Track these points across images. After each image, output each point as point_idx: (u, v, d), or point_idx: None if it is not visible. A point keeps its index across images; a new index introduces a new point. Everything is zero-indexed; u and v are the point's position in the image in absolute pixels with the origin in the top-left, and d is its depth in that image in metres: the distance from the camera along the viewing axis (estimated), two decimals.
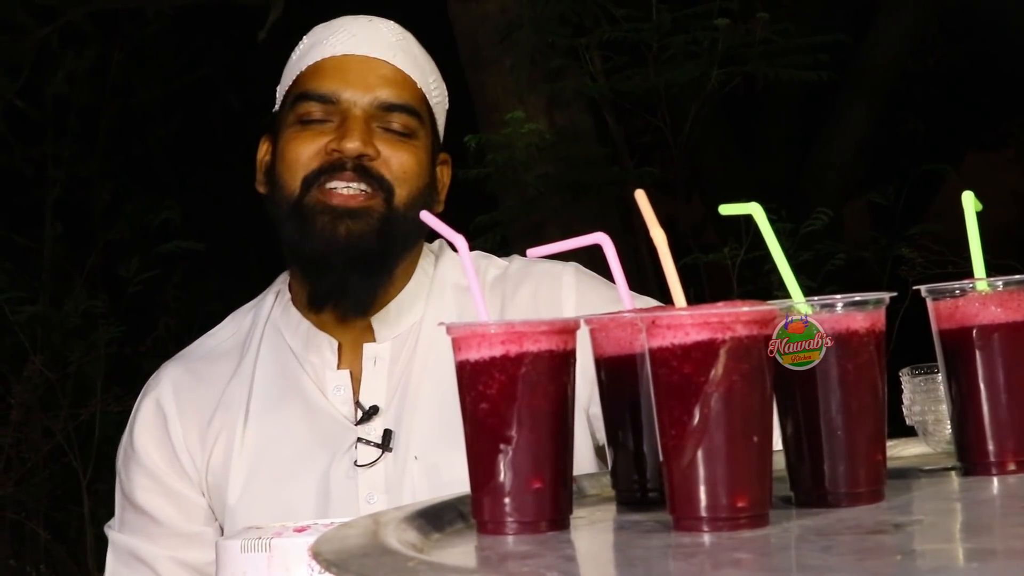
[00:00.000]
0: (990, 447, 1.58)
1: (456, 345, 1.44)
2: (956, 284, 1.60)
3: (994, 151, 9.04)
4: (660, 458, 1.37)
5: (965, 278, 1.61)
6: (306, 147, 2.13)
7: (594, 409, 1.58)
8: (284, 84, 2.22)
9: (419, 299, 2.19)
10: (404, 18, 2.27)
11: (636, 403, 1.54)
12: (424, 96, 2.19)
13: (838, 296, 1.48)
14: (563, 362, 1.44)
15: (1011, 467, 1.58)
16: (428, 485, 2.06)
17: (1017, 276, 1.60)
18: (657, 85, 4.88)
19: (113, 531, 2.22)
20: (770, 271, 4.55)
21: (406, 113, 2.15)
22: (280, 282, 2.26)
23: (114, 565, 2.20)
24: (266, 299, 2.26)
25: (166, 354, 2.40)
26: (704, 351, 1.34)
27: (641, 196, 1.49)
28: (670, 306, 1.43)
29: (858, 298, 1.47)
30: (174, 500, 2.17)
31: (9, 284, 5.82)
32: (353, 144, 2.10)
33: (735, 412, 1.34)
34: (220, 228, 6.68)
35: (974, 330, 1.59)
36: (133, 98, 7.02)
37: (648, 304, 1.98)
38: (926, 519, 1.41)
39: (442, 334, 1.46)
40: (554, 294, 2.18)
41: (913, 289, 1.67)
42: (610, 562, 1.36)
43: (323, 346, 2.17)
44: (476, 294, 1.51)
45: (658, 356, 1.36)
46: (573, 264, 2.23)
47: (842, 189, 6.47)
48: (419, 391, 2.13)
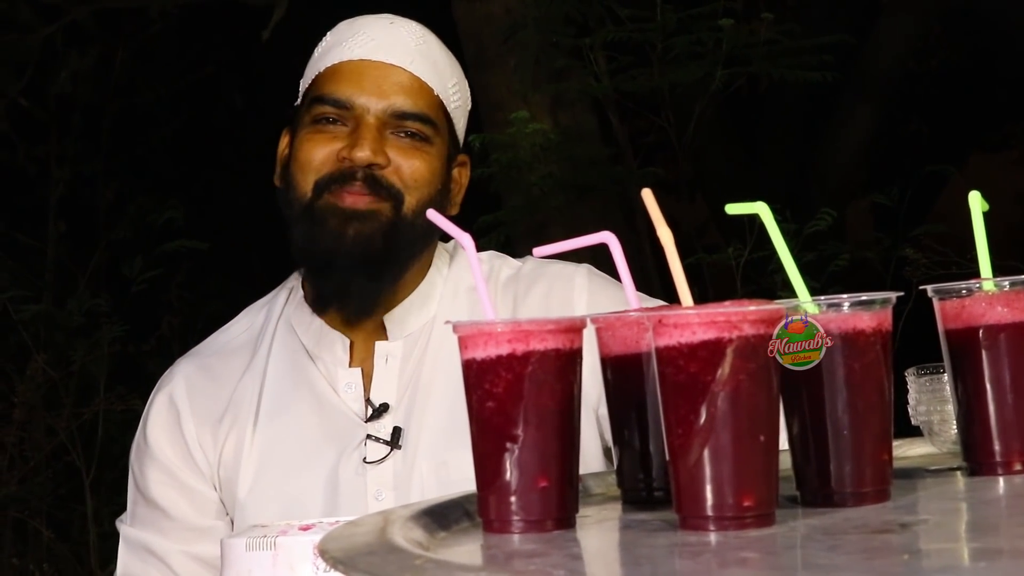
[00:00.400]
0: (996, 447, 1.58)
1: (463, 344, 1.44)
2: (963, 284, 1.60)
3: (998, 152, 9.04)
4: (666, 457, 1.37)
5: (969, 278, 1.61)
6: (319, 150, 2.14)
7: (603, 410, 1.59)
8: (305, 80, 2.23)
9: (432, 298, 2.20)
10: (408, 17, 2.26)
11: (642, 402, 1.54)
12: (441, 103, 2.19)
13: (845, 295, 1.47)
14: (569, 361, 1.44)
15: (1017, 467, 1.58)
16: (437, 483, 2.07)
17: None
18: (661, 85, 4.88)
19: (125, 525, 2.23)
20: (774, 271, 4.55)
21: (420, 121, 2.15)
22: (293, 279, 2.27)
23: (126, 559, 2.21)
24: (279, 295, 2.27)
25: (169, 353, 2.41)
26: (711, 350, 1.34)
27: (648, 195, 1.49)
28: (677, 305, 1.43)
29: (865, 298, 1.47)
30: (187, 494, 2.18)
31: (12, 283, 5.82)
32: (363, 153, 2.11)
33: (741, 411, 1.34)
34: (224, 227, 6.68)
35: (980, 330, 1.59)
36: (137, 97, 7.01)
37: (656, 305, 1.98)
38: (932, 519, 1.41)
39: (454, 334, 1.46)
40: (566, 295, 2.18)
41: (919, 289, 1.66)
42: (616, 561, 1.36)
43: (335, 344, 2.18)
44: (482, 292, 1.51)
45: (664, 355, 1.36)
46: (585, 266, 2.24)
47: (846, 190, 6.47)
48: (429, 389, 2.14)
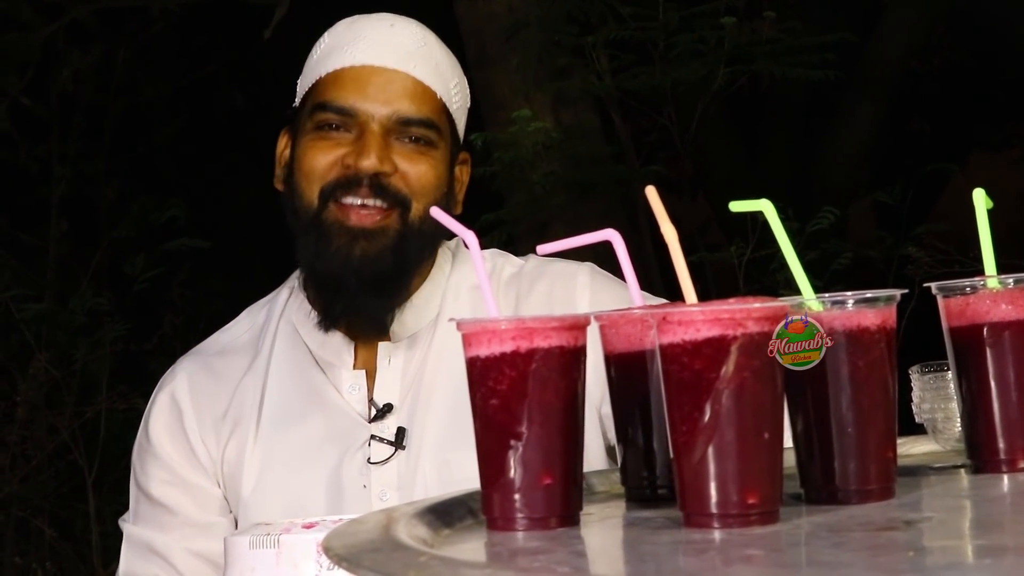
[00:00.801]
0: (1000, 444, 1.58)
1: (466, 341, 1.44)
2: (967, 281, 1.60)
3: (1000, 151, 9.03)
4: (670, 455, 1.37)
5: (972, 276, 1.61)
6: (323, 157, 2.12)
7: (606, 408, 1.58)
8: (304, 82, 2.21)
9: (435, 298, 2.19)
10: (410, 16, 2.25)
11: (646, 400, 1.54)
12: (443, 105, 2.18)
13: (849, 293, 1.47)
14: (573, 358, 1.43)
15: (1021, 464, 1.57)
16: (440, 483, 2.06)
17: None
18: (663, 84, 4.88)
19: (128, 524, 2.23)
20: (776, 270, 4.55)
21: (424, 126, 2.14)
22: (295, 278, 2.26)
23: (129, 557, 2.21)
24: (280, 294, 2.26)
25: (172, 352, 2.41)
26: (715, 347, 1.33)
27: (652, 192, 1.49)
28: (681, 302, 1.42)
29: (869, 295, 1.47)
30: (189, 491, 2.18)
31: (15, 282, 5.81)
32: (369, 162, 2.10)
33: (746, 408, 1.34)
34: (226, 226, 6.68)
35: (984, 327, 1.58)
36: (139, 96, 7.01)
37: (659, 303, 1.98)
38: (936, 516, 1.40)
39: (457, 333, 1.45)
40: (568, 293, 2.18)
41: (924, 286, 1.66)
42: (620, 558, 1.36)
43: (339, 346, 2.18)
44: (485, 289, 1.51)
45: (669, 352, 1.35)
46: (588, 264, 2.23)
47: (848, 188, 6.46)
48: (433, 389, 2.14)
